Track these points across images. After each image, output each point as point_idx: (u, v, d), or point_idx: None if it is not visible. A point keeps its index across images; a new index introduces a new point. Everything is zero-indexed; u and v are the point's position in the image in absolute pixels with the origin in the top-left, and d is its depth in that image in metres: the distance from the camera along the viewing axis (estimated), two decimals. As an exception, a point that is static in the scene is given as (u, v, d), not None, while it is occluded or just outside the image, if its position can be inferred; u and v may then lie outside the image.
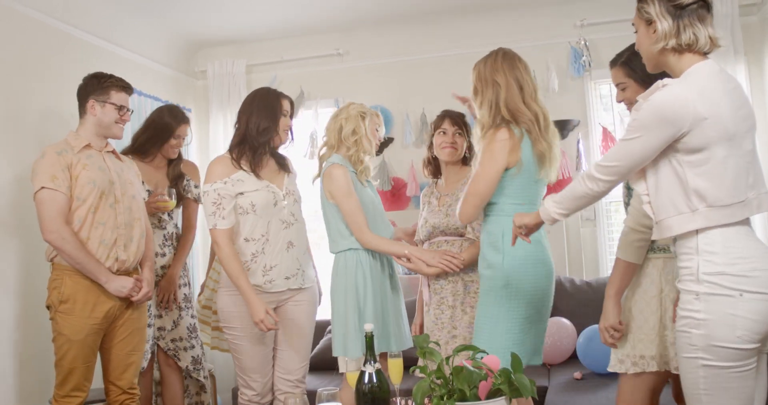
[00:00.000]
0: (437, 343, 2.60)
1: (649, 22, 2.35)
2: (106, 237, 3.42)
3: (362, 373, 2.91)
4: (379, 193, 5.61)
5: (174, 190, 4.11)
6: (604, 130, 5.20)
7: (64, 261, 3.38)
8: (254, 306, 3.37)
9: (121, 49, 5.02)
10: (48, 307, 3.45)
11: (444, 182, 3.73)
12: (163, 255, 4.19)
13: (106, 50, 4.85)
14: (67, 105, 4.35)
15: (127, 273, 3.52)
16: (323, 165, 3.64)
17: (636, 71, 2.66)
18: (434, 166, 3.78)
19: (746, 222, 2.28)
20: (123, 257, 3.47)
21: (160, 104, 5.30)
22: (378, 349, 3.00)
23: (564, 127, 5.26)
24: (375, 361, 2.92)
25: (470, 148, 3.63)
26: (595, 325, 2.70)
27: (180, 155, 4.33)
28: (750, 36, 5.00)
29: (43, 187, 3.28)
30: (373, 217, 3.58)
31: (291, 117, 3.68)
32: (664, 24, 2.30)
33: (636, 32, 2.43)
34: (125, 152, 4.12)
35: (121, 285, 3.42)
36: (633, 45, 2.50)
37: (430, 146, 3.74)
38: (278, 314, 3.55)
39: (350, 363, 3.50)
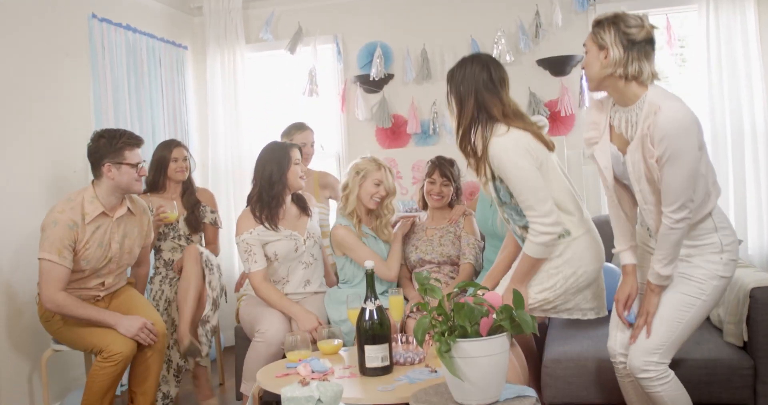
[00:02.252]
0: (438, 281, 2.60)
1: (602, 48, 2.58)
2: (89, 294, 3.61)
3: (363, 309, 2.92)
4: (379, 130, 5.60)
5: (175, 203, 4.29)
6: (608, 65, 5.11)
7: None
8: (303, 318, 3.63)
9: (115, -16, 4.90)
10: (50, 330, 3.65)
11: (428, 218, 4.14)
12: None
13: (98, -15, 4.72)
14: (61, 44, 4.29)
15: None
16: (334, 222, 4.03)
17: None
18: (425, 202, 4.17)
19: None
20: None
21: (156, 41, 5.22)
22: None
23: (567, 62, 5.18)
24: (375, 298, 2.94)
25: (457, 192, 4.13)
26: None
27: (192, 183, 4.51)
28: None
29: (48, 260, 3.39)
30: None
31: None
32: (615, 52, 2.55)
33: (586, 53, 2.65)
34: (144, 193, 4.29)
35: (129, 325, 3.49)
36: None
37: (422, 187, 4.12)
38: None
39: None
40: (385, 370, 2.88)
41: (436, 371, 2.86)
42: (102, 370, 3.41)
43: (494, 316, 2.32)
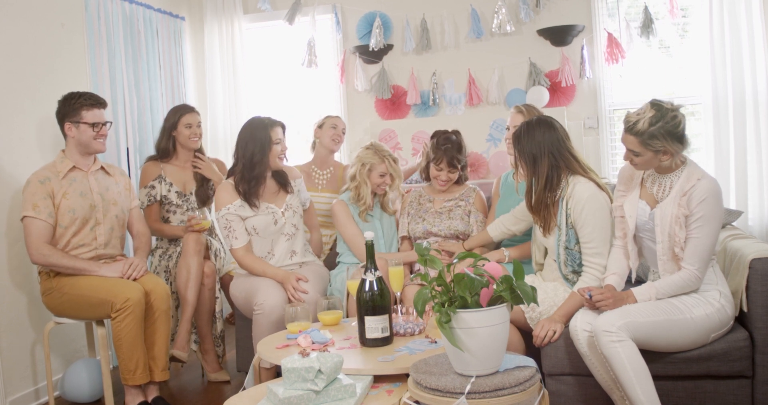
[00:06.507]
0: (438, 251, 2.60)
1: (661, 153, 2.82)
2: (87, 256, 3.68)
3: (363, 281, 2.92)
4: (379, 101, 5.57)
5: (206, 209, 4.33)
6: (610, 35, 5.06)
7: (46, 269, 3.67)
8: (284, 278, 3.65)
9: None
10: (50, 306, 3.69)
11: (433, 188, 4.06)
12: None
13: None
14: (57, 14, 4.25)
15: None
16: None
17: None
18: (428, 173, 4.04)
19: None
20: None
21: (153, 12, 5.16)
22: None
23: (568, 32, 5.13)
24: (375, 269, 2.94)
25: (464, 167, 3.99)
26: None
27: (203, 153, 4.50)
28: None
29: (25, 216, 3.55)
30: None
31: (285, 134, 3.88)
32: (675, 148, 2.81)
33: (637, 155, 2.85)
34: (152, 159, 4.40)
35: (114, 268, 3.65)
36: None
37: (427, 162, 3.97)
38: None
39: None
40: (385, 341, 2.89)
41: (436, 342, 2.87)
42: (122, 324, 3.46)
43: (494, 286, 2.32)
